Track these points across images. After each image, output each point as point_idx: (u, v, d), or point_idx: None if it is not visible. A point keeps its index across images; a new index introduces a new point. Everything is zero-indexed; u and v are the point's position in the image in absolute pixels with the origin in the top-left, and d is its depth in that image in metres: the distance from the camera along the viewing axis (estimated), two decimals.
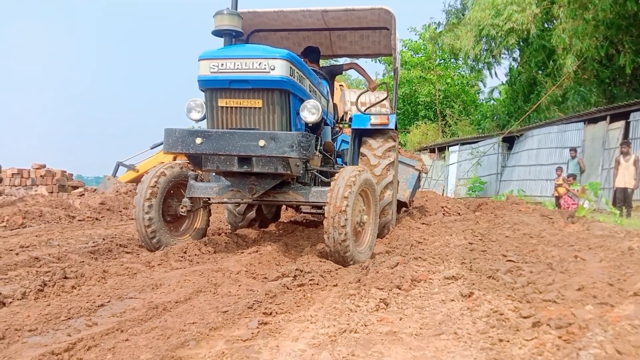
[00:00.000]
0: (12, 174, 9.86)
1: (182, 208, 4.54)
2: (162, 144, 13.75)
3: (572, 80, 17.90)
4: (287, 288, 2.79)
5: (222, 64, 3.94)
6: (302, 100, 4.29)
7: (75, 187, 10.69)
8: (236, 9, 4.39)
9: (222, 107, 4.07)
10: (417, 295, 2.76)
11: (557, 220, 7.70)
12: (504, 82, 24.71)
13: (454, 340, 1.94)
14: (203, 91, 4.15)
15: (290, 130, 4.13)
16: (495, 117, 25.42)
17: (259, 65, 3.90)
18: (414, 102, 28.68)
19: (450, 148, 22.64)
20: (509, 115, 22.94)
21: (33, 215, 6.63)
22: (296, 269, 3.20)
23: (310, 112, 4.16)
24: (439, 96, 27.98)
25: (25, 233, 5.72)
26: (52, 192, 9.86)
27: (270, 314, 2.26)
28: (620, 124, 13.71)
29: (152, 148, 14.08)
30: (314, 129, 4.74)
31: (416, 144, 25.51)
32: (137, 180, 14.37)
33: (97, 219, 7.48)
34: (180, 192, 4.70)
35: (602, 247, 4.37)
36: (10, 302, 2.43)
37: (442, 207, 8.93)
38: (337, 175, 4.16)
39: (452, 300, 2.61)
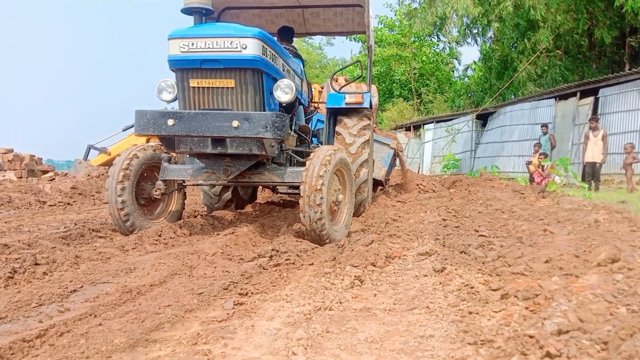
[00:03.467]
0: None
1: (156, 191, 4.48)
2: (133, 126, 13.48)
3: (546, 57, 18.15)
4: (263, 268, 2.80)
5: (193, 43, 3.86)
6: (275, 80, 4.24)
7: (45, 172, 10.42)
8: None
9: (194, 87, 3.99)
10: (391, 271, 2.81)
11: (529, 195, 7.89)
12: (478, 60, 24.89)
13: (426, 314, 1.99)
14: (174, 71, 4.06)
15: (264, 111, 4.10)
16: (469, 95, 25.66)
17: (231, 44, 3.83)
18: (390, 81, 28.67)
19: (425, 126, 22.82)
20: (483, 92, 23.18)
21: (1, 201, 6.46)
22: (272, 249, 3.21)
23: (284, 92, 4.12)
24: (415, 74, 28.04)
25: None
26: (20, 177, 9.59)
27: (246, 294, 2.27)
28: (590, 99, 14.02)
29: (124, 130, 13.79)
30: (288, 108, 4.71)
31: (392, 122, 25.61)
32: (109, 164, 14.07)
33: (68, 203, 7.32)
34: (154, 175, 4.63)
35: (570, 220, 4.50)
36: None
37: (418, 185, 9.02)
38: (312, 154, 4.16)
39: (425, 275, 2.67)
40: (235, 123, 3.73)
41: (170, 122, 3.81)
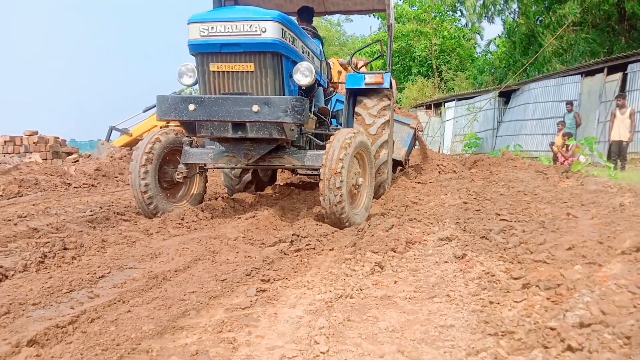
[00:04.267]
0: (5, 142, 9.77)
1: (178, 174, 4.55)
2: (154, 107, 13.60)
3: (572, 31, 17.57)
4: (284, 254, 2.84)
5: (212, 27, 3.85)
6: (294, 63, 4.22)
7: (69, 154, 10.63)
8: None
9: (214, 71, 4.00)
10: (411, 257, 2.82)
11: (552, 176, 7.76)
12: (501, 35, 24.22)
13: (447, 302, 2.00)
14: (194, 55, 4.07)
15: (284, 94, 4.09)
16: (492, 71, 25.07)
17: (250, 27, 3.81)
18: (409, 58, 28.17)
19: (446, 104, 22.45)
20: (507, 68, 22.61)
21: (29, 183, 6.63)
22: (293, 234, 3.25)
23: (303, 75, 4.10)
24: (435, 50, 27.47)
25: (22, 202, 5.74)
26: (45, 159, 9.81)
27: (268, 280, 2.32)
28: (618, 76, 13.57)
29: (144, 111, 13.96)
30: (308, 91, 4.69)
31: (412, 101, 25.27)
32: (131, 145, 14.31)
33: (93, 185, 7.48)
34: (176, 159, 4.69)
35: (594, 203, 4.43)
36: (12, 275, 2.48)
37: (438, 165, 8.94)
38: (332, 137, 4.15)
39: (446, 262, 2.67)
40: (255, 107, 3.74)
41: (192, 107, 3.83)
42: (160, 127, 4.21)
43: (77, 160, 9.37)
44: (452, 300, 2.00)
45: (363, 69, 8.74)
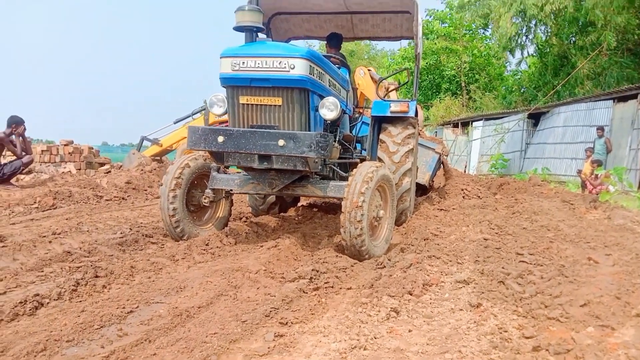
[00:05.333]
0: (42, 151, 10.21)
1: (205, 199, 4.71)
2: (185, 118, 13.91)
3: (606, 55, 17.28)
4: (303, 292, 2.93)
5: (243, 62, 4.01)
6: (321, 97, 4.35)
7: (101, 164, 11.02)
8: (257, 4, 4.43)
9: (244, 104, 4.16)
10: (427, 301, 2.88)
11: (579, 206, 7.65)
12: (533, 54, 23.94)
13: (458, 359, 2.06)
14: (225, 87, 4.24)
15: (310, 127, 4.22)
16: (522, 90, 24.77)
17: (279, 64, 3.95)
18: (439, 75, 28.09)
19: (474, 123, 22.28)
20: (537, 89, 22.33)
21: (63, 195, 6.92)
22: (312, 269, 3.34)
23: (329, 110, 4.22)
24: (464, 68, 27.34)
25: (56, 215, 6.00)
26: (79, 169, 10.20)
27: (286, 323, 2.41)
28: None
29: (175, 122, 14.36)
30: (333, 122, 4.80)
31: (439, 118, 25.16)
32: (161, 155, 14.74)
33: (123, 198, 7.75)
34: (204, 183, 4.86)
35: (618, 245, 4.39)
36: (48, 303, 2.64)
37: (462, 190, 8.88)
38: (354, 170, 4.24)
39: (461, 309, 2.72)
40: (281, 142, 3.87)
41: (221, 139, 4.00)
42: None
43: (109, 172, 9.71)
44: (463, 358, 2.06)
45: (393, 94, 8.83)
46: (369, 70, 9.51)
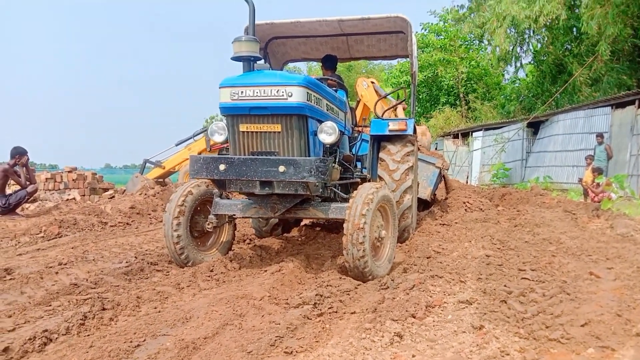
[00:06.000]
0: (46, 179, 10.32)
1: (208, 224, 4.77)
2: (186, 140, 14.02)
3: (601, 61, 17.42)
4: (308, 318, 2.97)
5: (242, 92, 4.10)
6: (320, 122, 4.42)
7: (105, 189, 11.12)
8: (254, 30, 4.53)
9: (244, 131, 4.24)
10: (430, 324, 2.91)
11: (581, 215, 7.68)
12: (530, 62, 24.11)
13: None
14: (225, 116, 4.32)
15: (309, 152, 4.29)
16: (520, 98, 24.90)
17: (277, 92, 4.04)
18: (437, 87, 28.30)
19: (474, 134, 22.39)
20: (535, 97, 22.46)
21: (68, 223, 6.99)
22: (316, 294, 3.38)
23: (327, 134, 4.29)
24: (462, 79, 27.53)
25: (62, 244, 6.06)
26: (84, 196, 10.30)
27: (291, 352, 2.45)
28: None
29: (177, 145, 14.52)
30: (333, 145, 4.87)
31: (439, 130, 25.29)
32: (164, 177, 14.87)
33: (127, 223, 7.81)
34: (207, 208, 4.92)
35: (619, 257, 4.42)
36: (57, 338, 2.69)
37: (464, 203, 8.90)
38: (355, 192, 4.30)
39: (464, 331, 2.75)
40: (281, 168, 3.94)
41: (222, 167, 4.07)
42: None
43: (113, 197, 9.79)
44: None
45: (400, 112, 8.87)
46: (372, 82, 9.57)
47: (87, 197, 10.22)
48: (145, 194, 9.24)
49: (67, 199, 9.07)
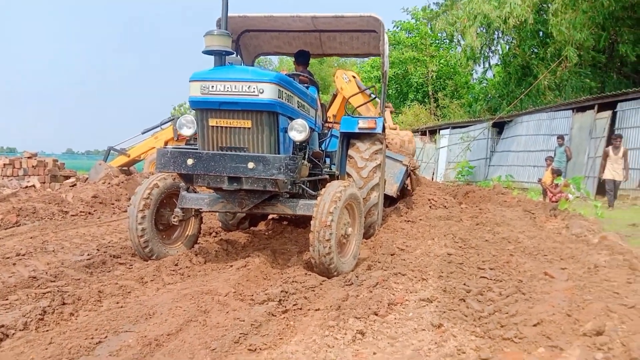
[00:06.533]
0: (4, 165, 9.93)
1: (174, 218, 4.72)
2: (153, 128, 13.76)
3: (565, 67, 18.03)
4: (272, 315, 3.00)
5: (213, 86, 4.06)
6: (290, 119, 4.43)
7: (67, 177, 10.79)
8: (226, 23, 4.48)
9: (213, 126, 4.21)
10: (392, 321, 2.99)
11: (539, 215, 7.97)
12: (498, 63, 24.69)
13: None
14: (194, 110, 4.28)
15: (279, 149, 4.30)
16: (487, 98, 25.49)
17: (248, 88, 4.02)
18: (406, 84, 28.64)
19: (441, 131, 22.81)
20: (501, 98, 23.05)
21: (26, 212, 6.78)
22: (281, 291, 3.41)
23: (297, 132, 4.31)
24: (432, 77, 27.96)
25: (20, 233, 5.88)
26: (44, 183, 9.97)
27: (255, 350, 2.48)
28: (607, 113, 13.93)
29: (143, 133, 14.23)
30: (303, 141, 4.89)
31: (407, 126, 25.62)
32: (128, 165, 14.55)
33: (89, 213, 7.63)
34: (173, 202, 4.86)
35: (573, 258, 4.62)
36: (13, 334, 2.63)
37: (429, 200, 9.08)
38: (323, 190, 4.34)
39: (424, 329, 2.84)
40: (250, 165, 3.94)
41: (190, 161, 4.03)
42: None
43: (75, 185, 9.52)
44: None
45: (388, 117, 8.90)
46: (353, 77, 9.58)
47: (47, 185, 9.89)
48: (109, 183, 9.03)
49: (26, 186, 8.77)
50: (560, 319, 2.77)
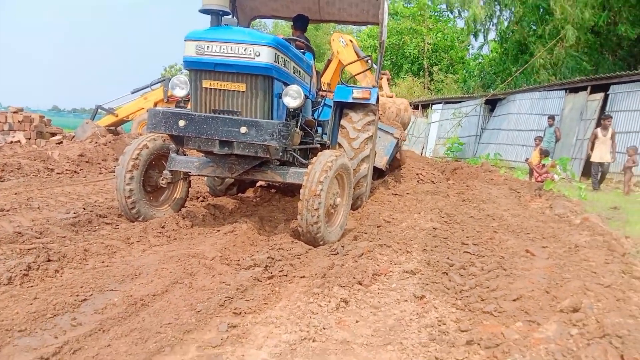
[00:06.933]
0: None
1: (162, 180, 4.69)
2: (143, 88, 13.56)
3: (562, 47, 17.93)
4: (258, 280, 3.03)
5: (208, 47, 3.97)
6: (285, 84, 4.37)
7: (53, 134, 10.61)
8: None
9: (207, 88, 4.14)
10: (375, 291, 3.04)
11: (524, 194, 8.08)
12: (495, 39, 24.47)
13: (399, 351, 2.22)
14: (188, 70, 4.19)
15: (272, 114, 4.25)
16: (482, 74, 25.35)
17: (244, 50, 3.94)
18: (401, 55, 28.31)
19: (433, 106, 22.73)
20: (496, 74, 22.95)
21: (11, 167, 6.69)
22: (268, 257, 3.44)
23: (292, 98, 4.26)
24: (428, 50, 27.65)
25: (4, 189, 5.81)
26: (29, 139, 9.80)
27: (240, 313, 2.51)
28: (600, 95, 13.96)
29: (132, 93, 13.98)
30: (297, 108, 4.84)
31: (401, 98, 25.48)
32: (116, 125, 14.35)
33: (75, 172, 7.55)
34: (162, 164, 4.82)
35: (554, 237, 4.71)
36: None
37: (417, 174, 9.14)
38: (314, 159, 4.32)
39: (406, 300, 2.90)
40: (243, 129, 3.90)
41: (182, 123, 3.98)
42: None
43: (61, 142, 9.38)
44: (403, 350, 2.23)
45: (385, 86, 8.73)
46: (351, 41, 9.38)
47: (33, 141, 9.73)
48: (96, 142, 8.91)
49: (12, 142, 8.62)
50: (538, 295, 2.84)
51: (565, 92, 15.56)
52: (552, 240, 4.57)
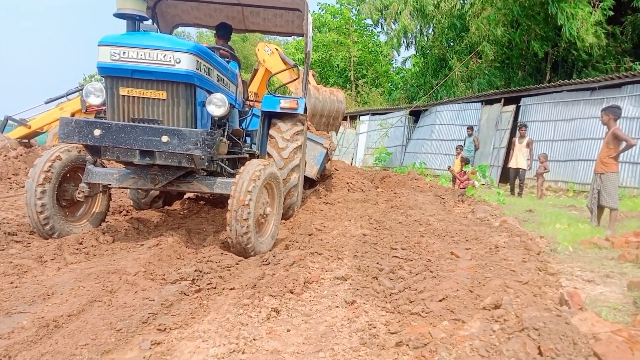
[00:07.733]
0: None
1: (79, 193, 4.39)
2: (58, 98, 12.63)
3: (475, 62, 19.13)
4: (185, 294, 2.90)
5: (124, 52, 3.79)
6: (209, 92, 4.27)
7: None
8: None
9: (124, 95, 3.94)
10: (307, 299, 3.02)
11: (448, 200, 8.46)
12: (416, 54, 25.62)
13: (330, 357, 2.20)
14: (103, 77, 3.97)
15: (196, 123, 4.12)
16: (405, 88, 26.40)
17: (164, 57, 3.80)
18: (328, 66, 28.86)
19: (361, 117, 23.31)
20: (419, 87, 24.00)
21: None
22: (195, 270, 3.31)
23: (216, 106, 4.16)
24: (353, 62, 28.39)
25: None
26: None
27: (164, 330, 2.38)
28: (512, 107, 15.01)
29: (46, 103, 13.05)
30: (222, 116, 4.74)
31: None
32: (29, 137, 13.33)
33: None
34: (78, 176, 4.52)
35: (476, 239, 4.94)
36: None
37: (347, 183, 9.28)
38: (242, 168, 4.24)
39: (337, 306, 2.90)
40: (164, 138, 3.74)
41: (97, 132, 3.75)
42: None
43: None
44: (335, 356, 2.21)
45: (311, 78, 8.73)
46: (276, 49, 9.34)
47: None
48: (6, 155, 8.21)
49: None
50: (463, 294, 2.95)
51: (482, 104, 16.57)
52: (475, 242, 4.80)
